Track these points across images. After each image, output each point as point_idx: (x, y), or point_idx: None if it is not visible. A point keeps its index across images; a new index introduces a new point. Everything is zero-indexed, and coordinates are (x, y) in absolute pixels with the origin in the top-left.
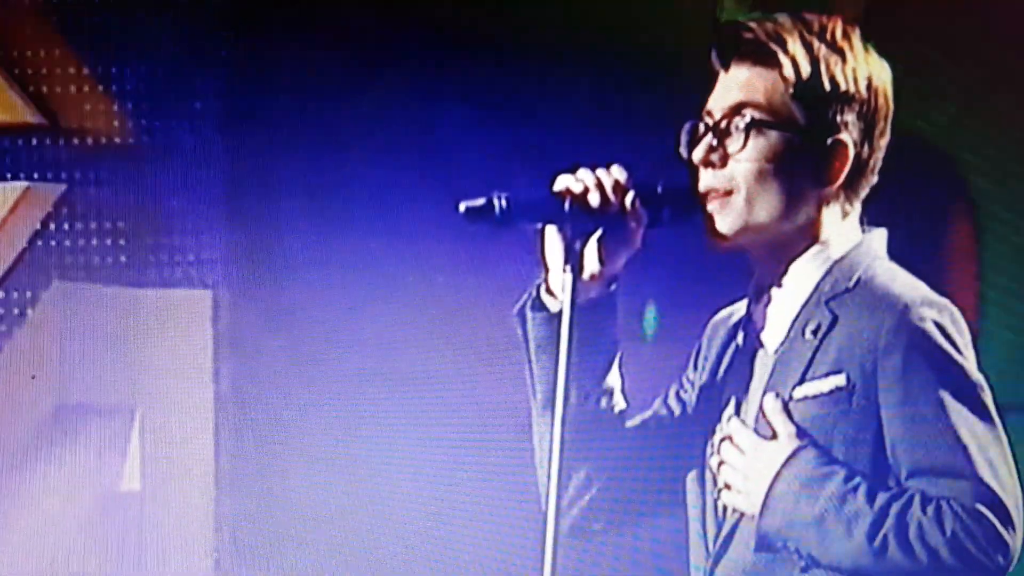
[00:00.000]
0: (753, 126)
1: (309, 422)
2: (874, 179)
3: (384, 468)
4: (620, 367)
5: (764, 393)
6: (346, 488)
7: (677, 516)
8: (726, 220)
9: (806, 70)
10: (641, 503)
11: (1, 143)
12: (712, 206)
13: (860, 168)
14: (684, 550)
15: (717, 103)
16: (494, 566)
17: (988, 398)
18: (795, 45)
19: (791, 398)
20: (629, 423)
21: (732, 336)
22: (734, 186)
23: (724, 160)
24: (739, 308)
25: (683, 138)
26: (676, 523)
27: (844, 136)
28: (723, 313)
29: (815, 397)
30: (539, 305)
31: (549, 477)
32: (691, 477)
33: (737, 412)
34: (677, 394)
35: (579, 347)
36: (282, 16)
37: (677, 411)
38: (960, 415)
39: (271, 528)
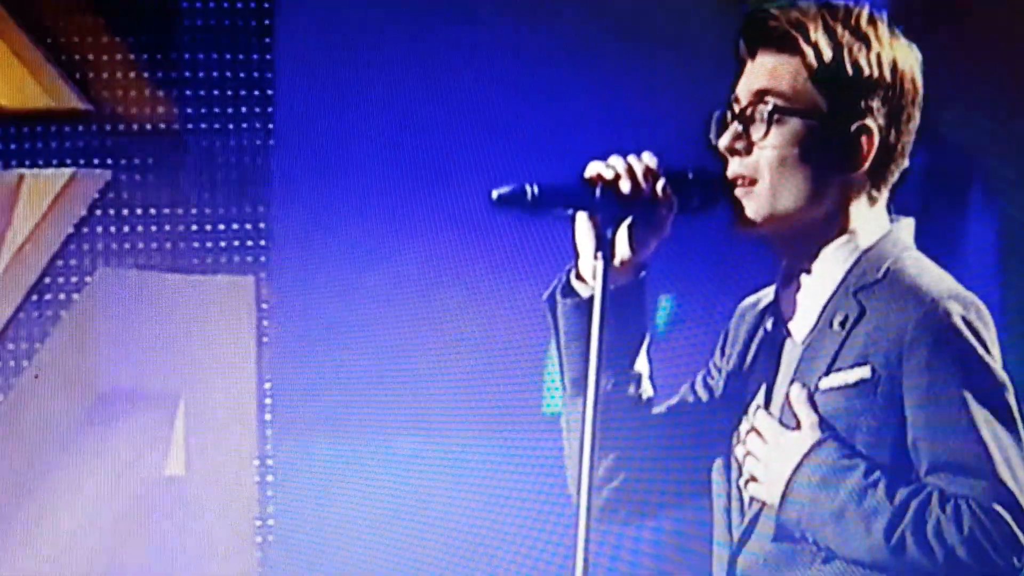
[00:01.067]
0: (775, 113)
1: (352, 409)
2: (904, 163)
3: (426, 454)
4: (648, 354)
5: (791, 383)
6: (389, 475)
7: (702, 504)
8: (752, 207)
9: (828, 56)
10: (667, 490)
11: (48, 129)
12: (739, 193)
13: (887, 154)
14: (707, 537)
15: (743, 91)
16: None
17: (1012, 398)
18: (817, 32)
19: (817, 389)
20: (655, 410)
21: (759, 323)
22: (759, 174)
23: (749, 148)
24: (767, 294)
25: (712, 126)
26: (700, 512)
27: (869, 122)
28: (750, 299)
29: (840, 388)
30: (569, 291)
31: (580, 463)
32: (717, 465)
33: (765, 402)
34: (704, 380)
35: (609, 333)
36: (326, 4)
37: (704, 397)
38: (982, 414)
39: (314, 514)
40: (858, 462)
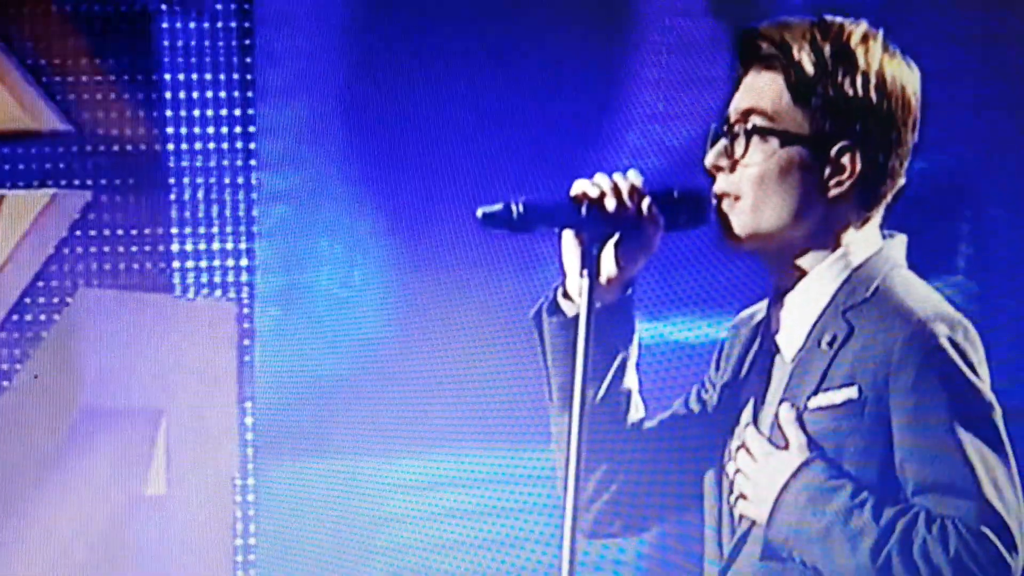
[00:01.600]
0: (755, 132)
1: (334, 428)
2: (899, 182)
3: (410, 472)
4: (637, 370)
5: (781, 402)
6: (370, 494)
7: (691, 518)
8: (737, 223)
9: (810, 77)
10: (659, 503)
11: (28, 150)
12: (725, 207)
13: (875, 175)
14: (696, 552)
15: (733, 107)
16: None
17: (999, 419)
18: (802, 51)
19: (806, 408)
20: (647, 424)
21: (753, 338)
22: (741, 191)
23: (733, 165)
24: (762, 307)
25: (709, 141)
26: (687, 526)
27: (851, 143)
28: (747, 312)
29: (828, 408)
30: (555, 309)
31: (566, 481)
32: (709, 480)
33: (754, 419)
34: (699, 394)
35: (596, 351)
36: (306, 22)
37: (697, 410)
38: (969, 435)
39: (294, 533)
40: (845, 483)
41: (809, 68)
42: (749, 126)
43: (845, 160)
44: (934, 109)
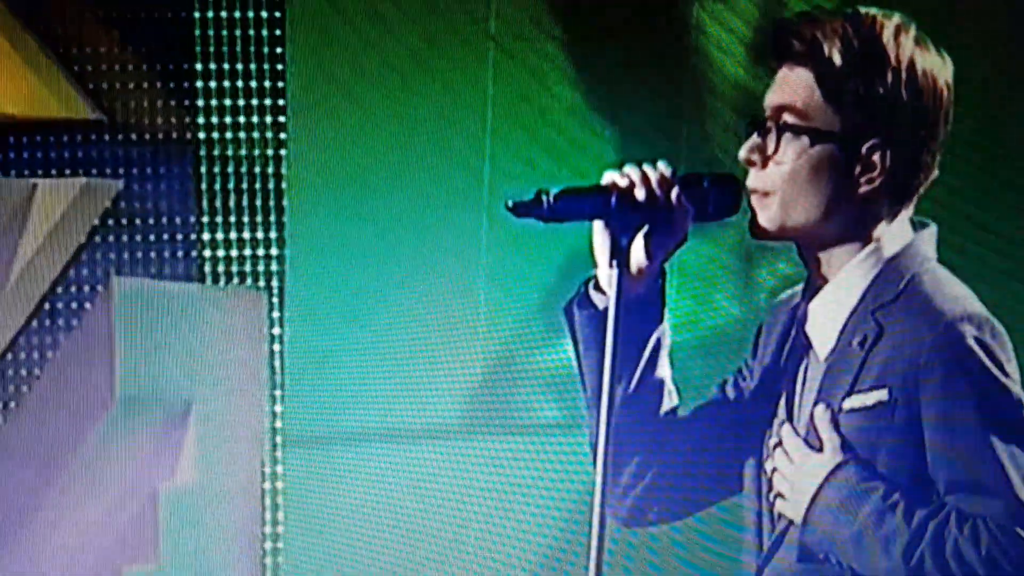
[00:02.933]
0: (786, 130)
1: (362, 417)
2: (932, 175)
3: (437, 466)
4: (670, 359)
5: (815, 402)
6: (398, 486)
7: (731, 506)
8: (766, 218)
9: (840, 74)
10: (698, 489)
11: (59, 139)
12: (755, 203)
13: (907, 170)
14: (732, 540)
15: (768, 102)
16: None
17: None
18: (833, 48)
19: (840, 409)
20: (681, 412)
21: (789, 324)
22: (772, 187)
23: (765, 161)
24: (798, 291)
25: (744, 135)
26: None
27: (881, 140)
28: (783, 296)
29: (860, 410)
30: (587, 303)
31: (596, 472)
32: (749, 473)
33: (789, 416)
34: (736, 381)
35: (626, 341)
36: (339, 14)
37: (732, 397)
38: (999, 434)
39: (323, 525)
40: (878, 485)
41: (839, 65)
42: (781, 123)
43: (875, 158)
44: None
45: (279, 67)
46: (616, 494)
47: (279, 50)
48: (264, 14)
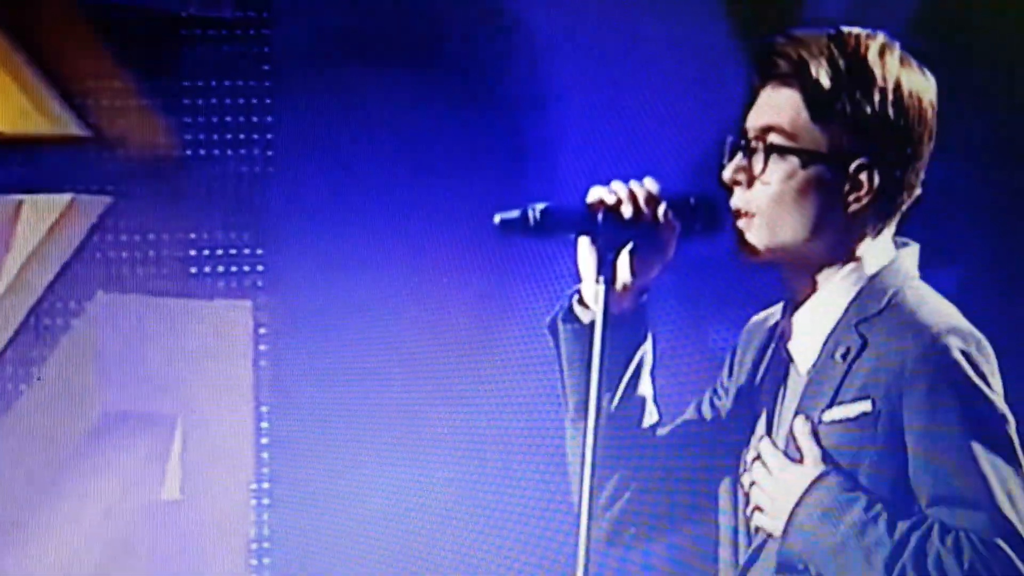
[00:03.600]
0: (773, 151)
1: (349, 430)
2: (915, 193)
3: (426, 478)
4: (652, 376)
5: (795, 415)
6: (385, 499)
7: (708, 525)
8: (752, 237)
9: (828, 94)
10: (674, 512)
11: (47, 155)
12: (740, 223)
13: (892, 188)
14: (710, 560)
15: (750, 122)
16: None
17: (1012, 431)
18: (820, 68)
19: (820, 421)
20: (660, 431)
21: (766, 344)
22: (757, 208)
23: (751, 181)
24: (774, 312)
25: (725, 152)
26: (704, 535)
27: (868, 160)
28: (758, 317)
29: (842, 422)
30: (571, 317)
31: (581, 489)
32: (724, 490)
33: (768, 430)
34: (711, 401)
35: (611, 357)
36: (323, 32)
37: (709, 416)
38: (982, 447)
39: (311, 539)
40: (859, 496)
41: (827, 85)
42: (768, 143)
43: (863, 176)
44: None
45: (265, 83)
46: (595, 514)
47: (265, 67)
48: (251, 31)
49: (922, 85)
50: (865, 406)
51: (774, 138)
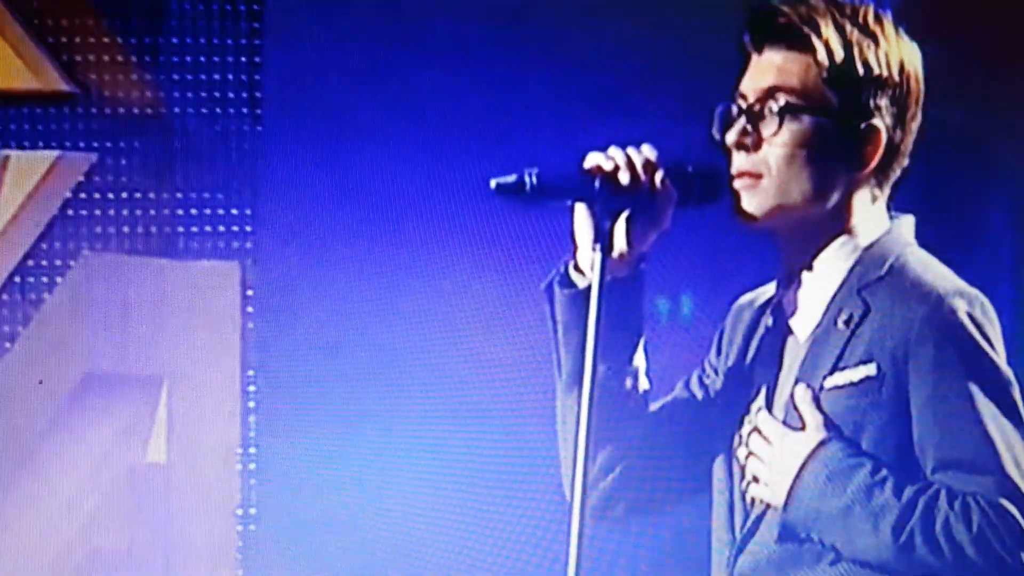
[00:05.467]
0: (787, 111)
1: (337, 396)
2: (906, 162)
3: (413, 446)
4: (645, 348)
5: (795, 382)
6: (373, 466)
7: (699, 502)
8: (756, 202)
9: (840, 54)
10: (665, 487)
11: (33, 111)
12: (742, 186)
13: (892, 152)
14: (704, 537)
15: (750, 86)
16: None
17: (1017, 394)
18: (828, 29)
19: (822, 388)
20: (652, 406)
21: (758, 320)
22: (765, 170)
23: (758, 144)
24: (764, 291)
25: (716, 120)
26: (697, 510)
27: (877, 121)
28: (747, 297)
29: (845, 387)
30: (567, 282)
31: (575, 458)
32: (718, 465)
33: (767, 402)
34: (700, 379)
35: (606, 326)
36: None
37: (700, 396)
38: (989, 410)
39: (297, 504)
40: (864, 461)
41: (838, 46)
42: (780, 104)
43: (871, 138)
44: None
45: (256, 41)
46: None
47: (255, 24)
48: None
49: (914, 53)
50: (870, 370)
51: (786, 99)
